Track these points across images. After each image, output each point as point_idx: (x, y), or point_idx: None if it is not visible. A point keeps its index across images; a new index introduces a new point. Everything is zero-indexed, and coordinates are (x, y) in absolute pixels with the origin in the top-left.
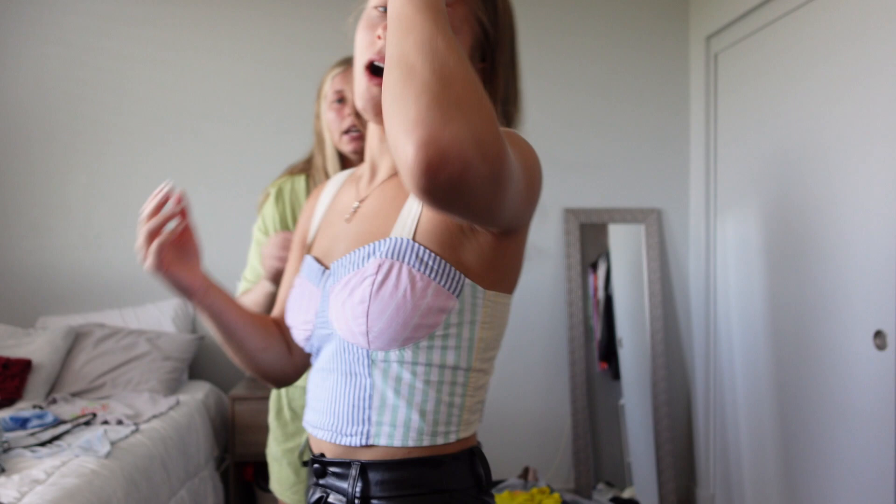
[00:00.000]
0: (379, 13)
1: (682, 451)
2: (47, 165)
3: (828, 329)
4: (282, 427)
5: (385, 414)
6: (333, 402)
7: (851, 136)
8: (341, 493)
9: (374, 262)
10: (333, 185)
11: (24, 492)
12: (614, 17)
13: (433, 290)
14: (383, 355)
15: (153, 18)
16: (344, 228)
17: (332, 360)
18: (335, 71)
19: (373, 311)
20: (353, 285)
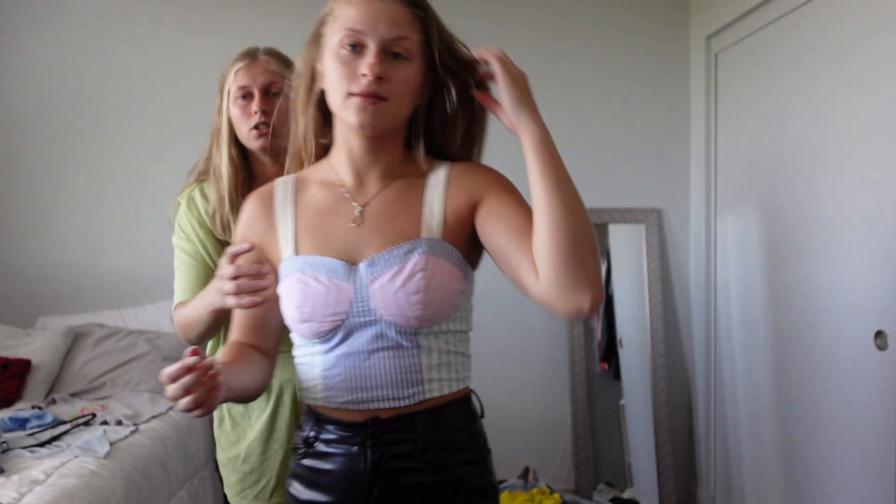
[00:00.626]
0: (348, 51)
1: (683, 451)
2: (47, 165)
3: (828, 329)
4: (224, 435)
5: (432, 373)
6: (383, 375)
7: (852, 136)
8: (409, 442)
9: (422, 260)
10: (283, 191)
11: (24, 492)
12: (614, 17)
13: (458, 277)
14: (425, 330)
15: (154, 19)
16: (357, 230)
17: (373, 342)
18: (238, 66)
19: (426, 300)
20: (404, 278)
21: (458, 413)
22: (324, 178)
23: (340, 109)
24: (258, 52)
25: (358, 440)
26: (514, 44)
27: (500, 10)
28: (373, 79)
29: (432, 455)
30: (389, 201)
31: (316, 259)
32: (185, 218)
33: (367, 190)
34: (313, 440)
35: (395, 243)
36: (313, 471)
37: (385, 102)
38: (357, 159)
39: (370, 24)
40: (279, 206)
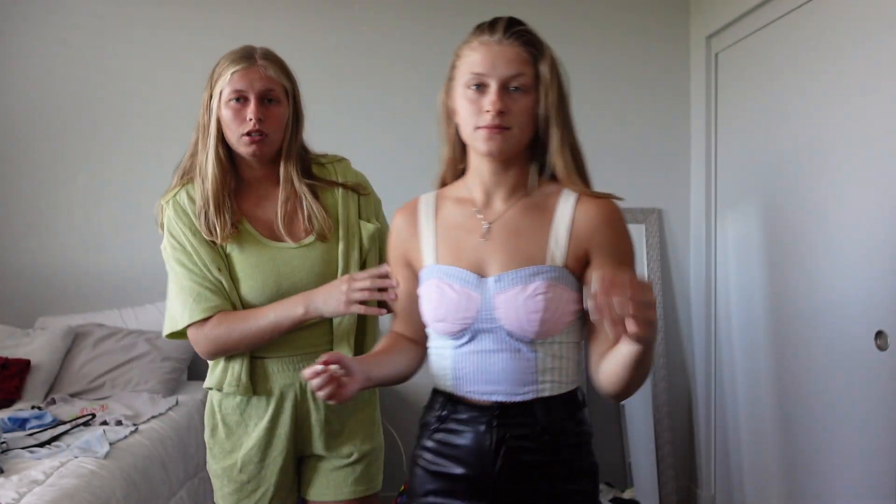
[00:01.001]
0: (474, 91)
1: (683, 451)
2: (47, 166)
3: (829, 329)
4: (218, 444)
5: (545, 375)
6: (503, 373)
7: (852, 136)
8: (528, 426)
9: (544, 285)
10: (426, 206)
11: (23, 493)
12: (614, 17)
13: (574, 300)
14: (540, 340)
15: (154, 19)
16: (483, 244)
17: (495, 344)
18: (235, 68)
19: (543, 318)
20: (527, 298)
21: (567, 405)
22: (458, 195)
23: (471, 140)
24: (255, 54)
25: (485, 421)
26: None
27: (500, 10)
28: (495, 113)
29: (548, 437)
30: (514, 221)
31: (451, 269)
32: (176, 226)
33: (495, 208)
34: (446, 418)
35: (520, 262)
36: (445, 445)
37: (508, 131)
38: (486, 181)
39: (490, 65)
40: (423, 220)
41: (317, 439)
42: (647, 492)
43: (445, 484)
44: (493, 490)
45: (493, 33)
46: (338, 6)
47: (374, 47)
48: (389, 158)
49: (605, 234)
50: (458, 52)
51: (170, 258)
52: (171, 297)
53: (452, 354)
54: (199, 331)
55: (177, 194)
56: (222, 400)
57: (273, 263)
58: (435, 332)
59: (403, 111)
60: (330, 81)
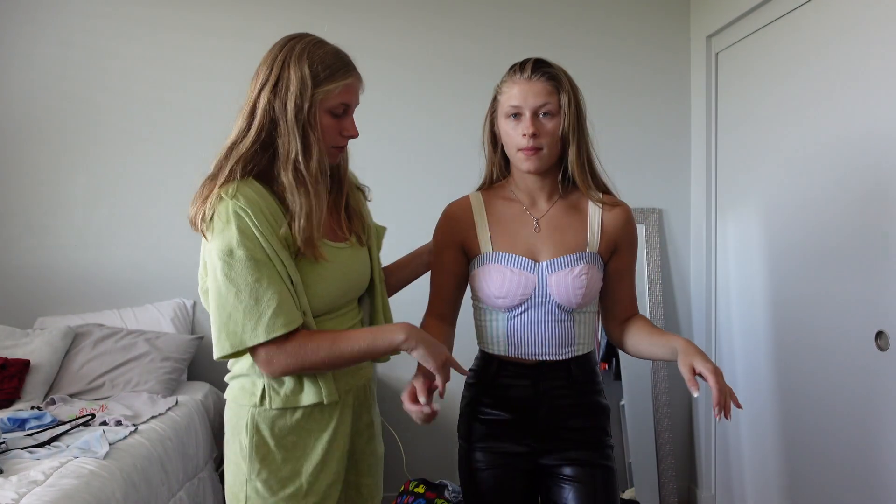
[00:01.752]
0: (512, 119)
1: (683, 451)
2: (46, 165)
3: (829, 329)
4: (273, 474)
5: (578, 338)
6: (551, 337)
7: (852, 135)
8: (564, 378)
9: (586, 267)
10: (477, 202)
11: (23, 493)
12: (614, 17)
13: (600, 279)
14: (579, 310)
15: (153, 19)
16: (535, 236)
17: (546, 315)
18: (347, 80)
19: (585, 293)
20: (574, 277)
21: (590, 362)
22: (506, 195)
23: (514, 160)
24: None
25: (531, 376)
26: (514, 44)
27: (501, 10)
28: (529, 136)
29: (578, 386)
30: (557, 218)
31: (510, 256)
32: (251, 223)
33: (539, 207)
34: (498, 375)
35: (566, 250)
36: (497, 396)
37: (541, 151)
38: (529, 187)
39: (523, 99)
40: (476, 213)
41: (366, 443)
42: (647, 492)
43: (498, 428)
44: (535, 428)
45: (523, 73)
46: (335, 9)
47: (374, 47)
48: (388, 157)
49: (627, 231)
50: (498, 88)
51: (237, 261)
52: (231, 308)
53: (506, 324)
54: (279, 348)
55: (245, 188)
56: (275, 420)
57: (338, 266)
58: (492, 306)
59: (402, 111)
60: None
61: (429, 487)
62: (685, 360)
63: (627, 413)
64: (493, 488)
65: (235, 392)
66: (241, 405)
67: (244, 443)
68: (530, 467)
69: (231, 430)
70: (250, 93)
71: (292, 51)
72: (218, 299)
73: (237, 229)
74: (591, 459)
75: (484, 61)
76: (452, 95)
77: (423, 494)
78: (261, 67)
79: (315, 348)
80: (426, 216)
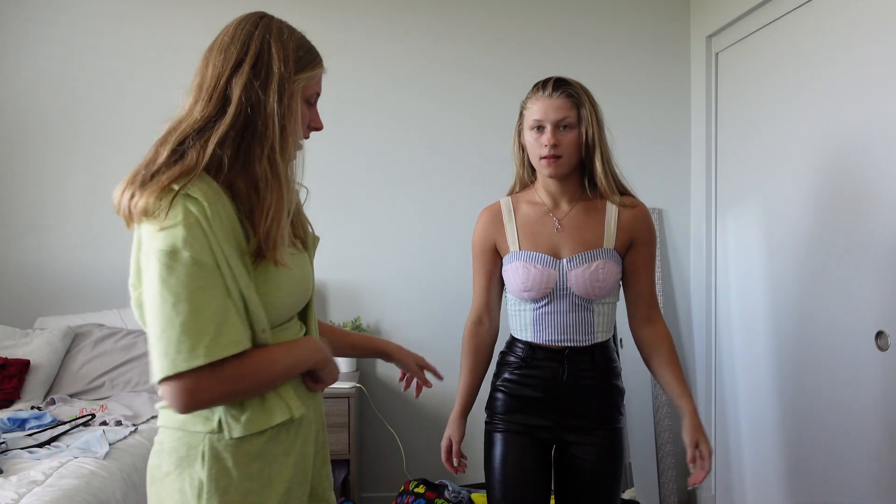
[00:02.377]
0: (535, 131)
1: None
2: (46, 165)
3: (829, 329)
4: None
5: (597, 326)
6: (572, 326)
7: (852, 135)
8: (588, 362)
9: (603, 262)
10: (506, 207)
11: (23, 493)
12: (615, 17)
13: (619, 272)
14: (597, 301)
15: (152, 18)
16: (558, 235)
17: (567, 306)
18: (321, 68)
19: (602, 285)
20: (592, 271)
21: (611, 348)
22: (531, 199)
23: (537, 167)
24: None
25: (558, 359)
26: (515, 44)
27: (501, 10)
28: (550, 146)
29: (599, 369)
30: (578, 219)
31: (534, 254)
32: (203, 225)
33: (561, 209)
34: (528, 358)
35: (585, 247)
36: (527, 377)
37: (560, 159)
38: (552, 191)
39: (544, 113)
40: (505, 216)
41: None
42: (647, 492)
43: (526, 403)
44: (559, 406)
45: (545, 91)
46: (337, 5)
47: (373, 46)
48: (386, 157)
49: (643, 228)
50: (523, 104)
51: (180, 265)
52: (165, 323)
53: (532, 314)
54: (214, 374)
55: (201, 181)
56: (239, 446)
57: (293, 273)
58: (520, 298)
59: (401, 110)
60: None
61: (429, 487)
62: (692, 435)
63: (627, 413)
64: (517, 456)
65: (182, 418)
66: (193, 432)
67: (199, 476)
68: (550, 440)
69: (175, 462)
70: (213, 72)
71: (268, 30)
72: (152, 310)
73: (185, 227)
74: (602, 442)
75: (484, 62)
76: (451, 98)
77: (423, 494)
78: (228, 43)
79: (254, 369)
80: (446, 217)
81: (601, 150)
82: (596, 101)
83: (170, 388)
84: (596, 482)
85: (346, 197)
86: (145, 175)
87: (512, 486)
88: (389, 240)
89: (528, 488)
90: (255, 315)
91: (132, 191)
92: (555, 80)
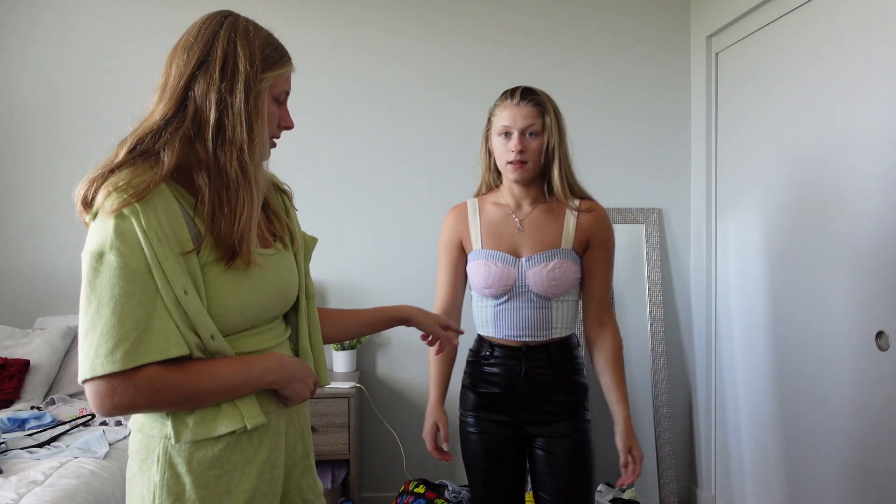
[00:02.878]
0: (503, 137)
1: (683, 452)
2: (47, 165)
3: (829, 329)
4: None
5: (556, 323)
6: (529, 320)
7: (852, 135)
8: (545, 359)
9: (559, 262)
10: (472, 207)
11: (22, 493)
12: (615, 17)
13: (576, 271)
14: (555, 299)
15: (154, 19)
16: (519, 235)
17: (527, 302)
18: (289, 66)
19: (558, 284)
20: (549, 269)
21: (568, 345)
22: (496, 201)
23: (503, 171)
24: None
25: (516, 356)
26: (515, 44)
27: (502, 9)
28: (517, 152)
29: (557, 366)
30: (538, 220)
31: (495, 252)
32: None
33: (524, 210)
34: (489, 356)
35: (544, 247)
36: (488, 374)
37: (526, 164)
38: (516, 194)
39: (512, 120)
40: (471, 216)
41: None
42: (647, 492)
43: (487, 400)
44: (518, 402)
45: (513, 99)
46: (336, 5)
47: (371, 46)
48: (387, 157)
49: (599, 231)
50: (492, 111)
51: (106, 268)
52: (88, 325)
53: (494, 311)
54: (128, 380)
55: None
56: (193, 452)
57: (264, 274)
58: (482, 294)
59: (404, 108)
60: (326, 79)
61: (429, 487)
62: (626, 442)
63: None
64: (484, 451)
65: (142, 420)
66: (150, 435)
67: (154, 479)
68: (516, 435)
69: (138, 464)
70: (176, 71)
71: (234, 28)
72: (81, 311)
73: (115, 231)
74: (567, 433)
75: (484, 60)
76: (453, 96)
77: (423, 494)
78: (192, 43)
79: (179, 384)
80: (430, 216)
81: (560, 157)
82: (559, 112)
83: (88, 390)
84: (565, 473)
85: (347, 197)
86: (101, 174)
87: (484, 479)
88: (390, 240)
89: (501, 480)
90: (197, 321)
91: (84, 189)
92: (522, 88)
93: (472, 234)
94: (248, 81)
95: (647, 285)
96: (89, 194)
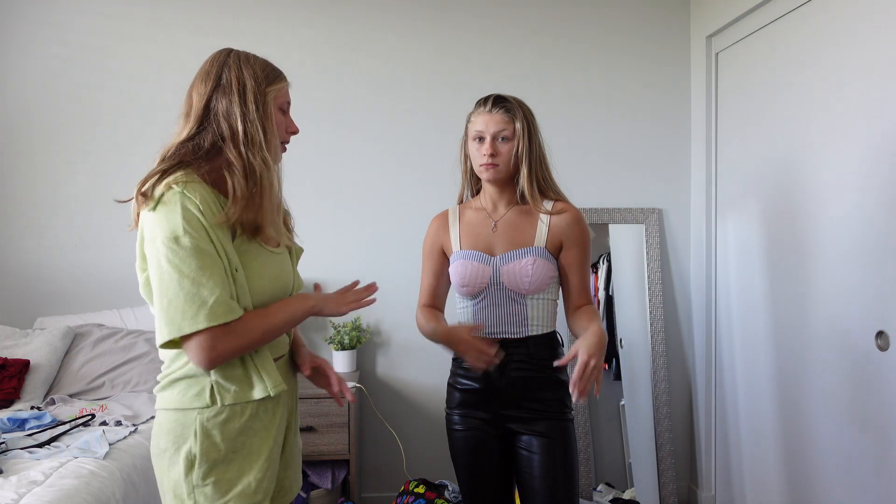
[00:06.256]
0: (477, 142)
1: (683, 452)
2: (46, 165)
3: (829, 329)
4: (219, 477)
5: (533, 320)
6: (507, 318)
7: (852, 136)
8: (524, 354)
9: (532, 259)
10: (453, 213)
11: (22, 493)
12: (615, 17)
13: (551, 268)
14: (530, 296)
15: (154, 19)
16: (493, 235)
17: (502, 299)
18: (286, 82)
19: (531, 281)
20: (521, 266)
21: (548, 341)
22: (475, 206)
23: (477, 172)
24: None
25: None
26: (515, 45)
27: (502, 9)
28: (489, 156)
29: (535, 361)
30: (512, 220)
31: (471, 252)
32: (199, 213)
33: (499, 212)
34: None
35: (517, 246)
36: (468, 369)
37: (498, 166)
38: (492, 196)
39: (485, 126)
40: (451, 222)
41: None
42: (647, 492)
43: (469, 396)
44: (498, 397)
45: (486, 106)
46: (335, 4)
47: (370, 45)
48: (386, 157)
49: (573, 230)
50: (468, 118)
51: (182, 248)
52: (172, 295)
53: (472, 309)
54: (224, 332)
55: (194, 181)
56: (226, 423)
57: (275, 266)
58: (461, 294)
59: (398, 108)
60: (325, 78)
61: (429, 487)
62: (577, 343)
63: (627, 413)
64: (469, 447)
65: (176, 397)
66: (186, 410)
67: (193, 450)
68: (499, 431)
69: (173, 441)
70: (198, 97)
71: (237, 58)
72: (160, 286)
73: (183, 218)
74: (549, 431)
75: (484, 63)
76: (452, 96)
77: (423, 494)
78: (207, 72)
79: (251, 326)
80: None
81: (528, 162)
82: (532, 118)
83: (192, 344)
84: (547, 473)
85: (347, 197)
86: (155, 173)
87: (470, 476)
88: (389, 240)
89: (487, 476)
90: (240, 293)
91: (141, 186)
92: (494, 96)
93: (452, 238)
94: (257, 94)
95: (647, 285)
96: (148, 190)
